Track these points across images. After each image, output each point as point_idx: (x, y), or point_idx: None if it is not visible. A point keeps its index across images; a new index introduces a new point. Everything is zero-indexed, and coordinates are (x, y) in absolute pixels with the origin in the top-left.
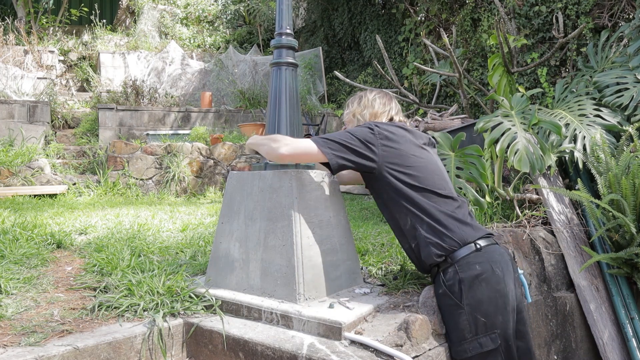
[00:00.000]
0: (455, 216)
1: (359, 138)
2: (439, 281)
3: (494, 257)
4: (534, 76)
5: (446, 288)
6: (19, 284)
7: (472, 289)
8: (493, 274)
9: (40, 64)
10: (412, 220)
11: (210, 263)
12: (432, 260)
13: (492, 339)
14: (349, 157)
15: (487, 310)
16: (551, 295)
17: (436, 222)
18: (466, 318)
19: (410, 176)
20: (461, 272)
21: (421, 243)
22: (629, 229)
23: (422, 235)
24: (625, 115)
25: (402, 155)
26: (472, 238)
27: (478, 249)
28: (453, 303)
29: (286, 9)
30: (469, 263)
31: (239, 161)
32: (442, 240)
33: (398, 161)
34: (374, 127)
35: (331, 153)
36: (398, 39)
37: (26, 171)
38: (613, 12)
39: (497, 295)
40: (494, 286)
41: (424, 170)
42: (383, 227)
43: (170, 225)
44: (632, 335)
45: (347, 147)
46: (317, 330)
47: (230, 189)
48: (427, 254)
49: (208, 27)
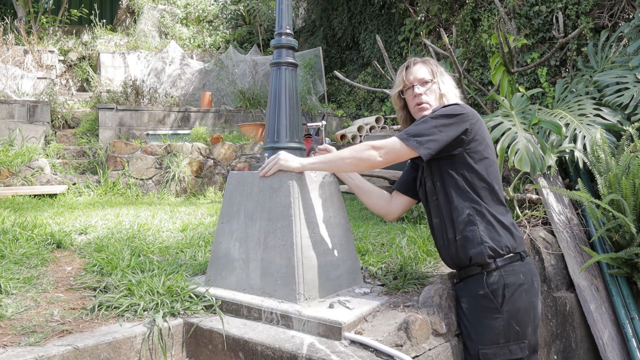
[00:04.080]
0: (508, 221)
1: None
2: (481, 282)
3: (532, 269)
4: (534, 76)
5: (489, 290)
6: (19, 284)
7: (514, 297)
8: (532, 285)
9: (40, 64)
10: (471, 213)
11: (210, 263)
12: (482, 259)
13: (521, 348)
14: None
15: (522, 319)
16: (551, 295)
17: (496, 222)
18: (502, 324)
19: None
20: (506, 277)
21: (474, 239)
22: (629, 229)
23: (478, 232)
24: (625, 115)
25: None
26: (519, 247)
27: (522, 259)
28: (493, 307)
29: (286, 9)
30: (514, 271)
31: (238, 161)
32: (498, 242)
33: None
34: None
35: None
36: (398, 39)
37: (26, 171)
38: (613, 12)
39: (531, 307)
40: (531, 298)
41: (494, 166)
42: (383, 227)
43: (170, 225)
44: (632, 335)
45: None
46: (317, 330)
47: (230, 188)
48: (479, 252)
49: (208, 27)
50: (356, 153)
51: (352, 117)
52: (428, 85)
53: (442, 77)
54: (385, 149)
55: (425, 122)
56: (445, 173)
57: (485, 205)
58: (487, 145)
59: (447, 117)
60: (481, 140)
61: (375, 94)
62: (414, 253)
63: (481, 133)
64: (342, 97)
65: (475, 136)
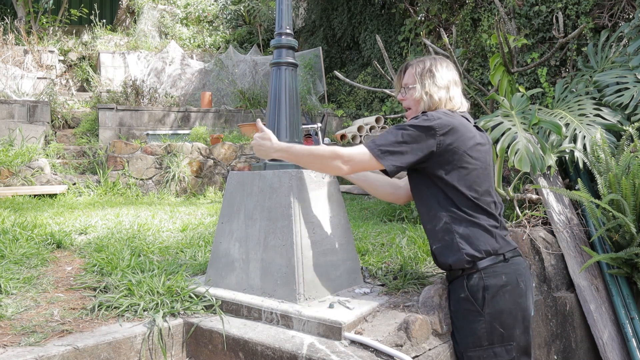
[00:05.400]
0: (489, 224)
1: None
2: (462, 285)
3: (519, 269)
4: (534, 76)
5: (469, 293)
6: (19, 284)
7: (495, 299)
8: (517, 286)
9: (40, 64)
10: (447, 221)
11: (210, 263)
12: (461, 265)
13: (507, 351)
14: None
15: (506, 321)
16: (551, 295)
17: (475, 227)
18: (485, 326)
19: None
20: (487, 279)
21: (452, 247)
22: (629, 229)
23: (456, 240)
24: (625, 115)
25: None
26: (502, 249)
27: (505, 259)
28: (474, 309)
29: (286, 9)
30: (495, 272)
31: (238, 161)
32: (476, 247)
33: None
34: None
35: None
36: (398, 39)
37: (26, 171)
38: (613, 12)
39: (518, 309)
40: (516, 299)
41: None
42: (383, 227)
43: (170, 225)
44: (632, 335)
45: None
46: (317, 330)
47: (230, 188)
48: (457, 259)
49: (208, 27)
50: (324, 160)
51: (352, 117)
52: (409, 90)
53: (427, 79)
54: (353, 161)
55: (392, 133)
56: (420, 183)
57: (462, 211)
58: (463, 153)
59: (414, 131)
60: (455, 150)
61: (375, 94)
62: (414, 253)
63: (456, 143)
64: (342, 97)
65: (447, 147)
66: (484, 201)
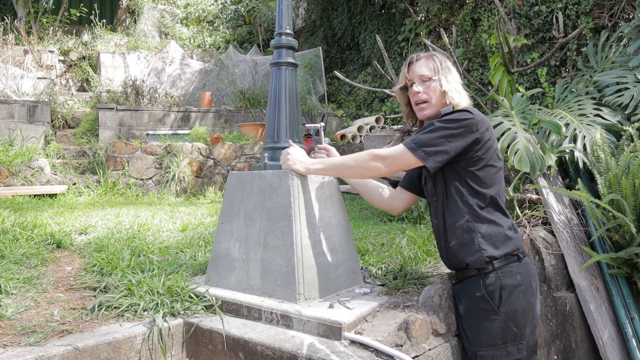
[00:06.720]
0: (507, 225)
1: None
2: (478, 284)
3: (530, 270)
4: (534, 76)
5: (485, 292)
6: (19, 284)
7: (511, 298)
8: (530, 286)
9: (40, 64)
10: (470, 219)
11: (210, 263)
12: (479, 265)
13: (519, 349)
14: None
15: (520, 321)
16: (551, 295)
17: (495, 228)
18: (500, 325)
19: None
20: (503, 279)
21: (471, 246)
22: (629, 229)
23: (477, 240)
24: (625, 115)
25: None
26: (516, 249)
27: (519, 259)
28: (489, 308)
29: (286, 9)
30: (511, 272)
31: (238, 161)
32: (495, 248)
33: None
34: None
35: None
36: (398, 39)
37: (26, 171)
38: (613, 12)
39: (529, 308)
40: (528, 298)
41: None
42: (383, 227)
43: (170, 225)
44: (632, 335)
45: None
46: (317, 330)
47: (230, 188)
48: (476, 259)
49: (208, 27)
50: (362, 163)
51: (352, 117)
52: (428, 83)
53: (447, 74)
54: (391, 159)
55: (434, 131)
56: (448, 178)
57: (484, 211)
58: (494, 152)
59: (456, 126)
60: (489, 147)
61: (375, 94)
62: (414, 253)
63: (490, 141)
64: (342, 97)
65: (485, 144)
66: (502, 201)
